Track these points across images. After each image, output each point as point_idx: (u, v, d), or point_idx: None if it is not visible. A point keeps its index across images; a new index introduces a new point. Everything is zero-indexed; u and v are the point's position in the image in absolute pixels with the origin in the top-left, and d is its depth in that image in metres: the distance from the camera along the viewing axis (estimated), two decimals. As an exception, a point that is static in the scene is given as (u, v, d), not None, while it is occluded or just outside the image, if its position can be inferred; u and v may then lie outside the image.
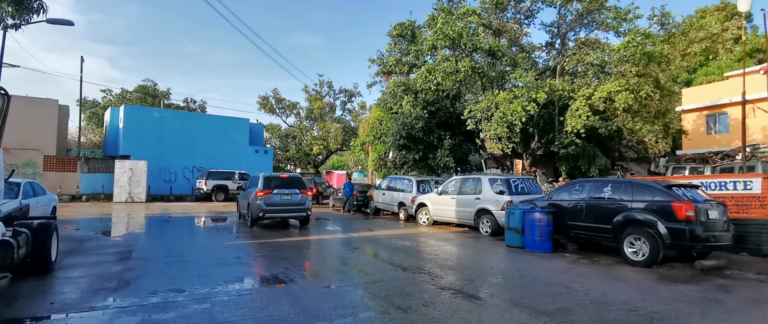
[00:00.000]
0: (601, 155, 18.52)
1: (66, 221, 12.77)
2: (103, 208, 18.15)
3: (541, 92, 15.18)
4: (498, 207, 10.99)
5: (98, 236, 9.95)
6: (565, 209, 8.83)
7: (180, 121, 26.32)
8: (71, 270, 6.35)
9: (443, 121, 18.45)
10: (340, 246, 9.29)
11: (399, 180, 15.98)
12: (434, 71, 15.53)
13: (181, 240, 9.54)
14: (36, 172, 21.73)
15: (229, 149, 27.80)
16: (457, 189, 12.47)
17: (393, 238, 10.62)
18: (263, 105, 34.23)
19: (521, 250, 8.83)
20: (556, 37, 18.19)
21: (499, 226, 10.98)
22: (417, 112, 16.47)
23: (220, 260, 7.25)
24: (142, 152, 24.05)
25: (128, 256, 7.40)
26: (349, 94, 36.38)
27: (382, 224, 13.90)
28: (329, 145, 33.86)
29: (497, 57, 16.49)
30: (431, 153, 18.50)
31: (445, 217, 12.85)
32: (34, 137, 21.66)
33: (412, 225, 13.59)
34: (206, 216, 15.60)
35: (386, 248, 8.93)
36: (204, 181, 23.31)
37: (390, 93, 17.74)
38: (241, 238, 10.05)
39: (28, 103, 21.87)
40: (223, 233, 11.05)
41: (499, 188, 11.23)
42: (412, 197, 14.72)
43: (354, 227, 12.91)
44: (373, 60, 19.60)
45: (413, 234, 11.36)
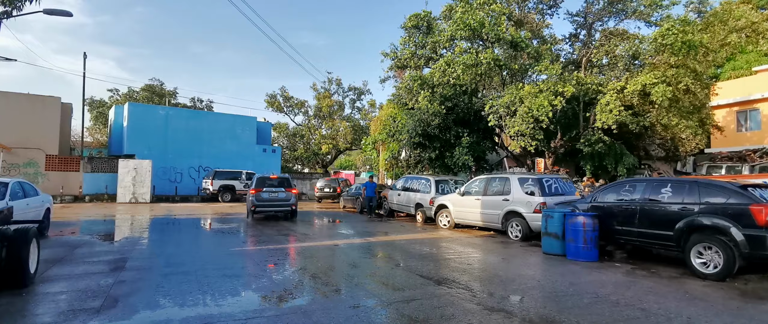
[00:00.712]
0: (628, 153, 17.42)
1: (63, 224, 11.99)
2: (106, 209, 17.40)
3: (568, 86, 14.13)
4: (529, 209, 9.99)
5: (93, 241, 9.11)
6: (613, 212, 7.81)
7: (186, 120, 25.59)
8: (53, 283, 5.47)
9: (460, 118, 17.45)
10: (359, 253, 8.36)
11: (416, 180, 15.02)
12: (453, 64, 14.54)
13: (184, 246, 8.66)
14: (37, 171, 21.10)
15: (236, 148, 27.02)
16: (481, 189, 11.48)
17: (414, 243, 9.66)
18: (271, 103, 33.43)
19: (562, 259, 7.84)
20: (582, 28, 17.12)
21: (531, 230, 9.99)
22: (434, 107, 15.49)
23: (226, 270, 6.34)
24: (146, 151, 23.34)
25: (122, 266, 6.52)
26: (359, 92, 35.49)
27: (399, 227, 12.94)
28: (338, 144, 32.98)
29: (519, 49, 15.46)
30: (448, 151, 17.50)
31: (469, 220, 11.87)
32: (35, 136, 21.03)
33: (432, 228, 12.62)
34: (212, 218, 14.76)
35: (410, 255, 7.98)
36: (210, 181, 22.54)
37: (405, 88, 16.77)
38: (248, 244, 9.15)
39: (30, 100, 21.25)
40: (230, 237, 10.17)
41: (530, 189, 10.22)
42: (430, 198, 13.76)
43: (369, 230, 11.97)
44: (386, 54, 18.63)
45: (436, 239, 10.39)
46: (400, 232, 11.60)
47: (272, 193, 13.98)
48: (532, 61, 15.77)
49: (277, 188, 14.16)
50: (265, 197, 13.82)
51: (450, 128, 17.25)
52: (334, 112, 33.77)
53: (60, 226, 11.69)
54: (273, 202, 13.96)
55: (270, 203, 13.93)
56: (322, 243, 9.44)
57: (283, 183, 14.51)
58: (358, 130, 33.44)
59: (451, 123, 17.15)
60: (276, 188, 14.14)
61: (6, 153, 20.04)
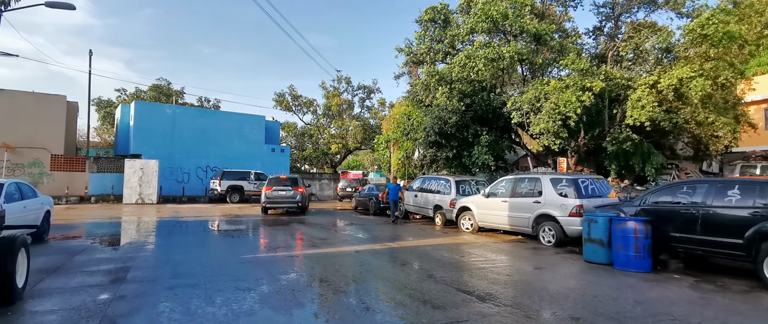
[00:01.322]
0: (656, 152, 16.52)
1: (65, 227, 11.38)
2: (111, 210, 16.83)
3: (597, 80, 13.29)
4: (564, 212, 9.19)
5: (94, 246, 8.45)
6: (669, 217, 7.00)
7: (193, 118, 25.01)
8: (43, 299, 4.79)
9: (478, 116, 16.64)
10: (383, 262, 7.61)
11: (434, 180, 14.24)
12: (474, 58, 13.74)
13: (191, 252, 7.97)
14: (42, 172, 20.61)
15: (245, 148, 26.41)
16: (509, 191, 10.68)
17: (440, 249, 8.90)
18: (279, 102, 32.81)
19: (609, 269, 7.04)
20: (608, 20, 16.24)
21: (566, 235, 9.20)
22: (453, 104, 14.69)
23: (238, 282, 5.63)
24: (153, 151, 22.79)
25: (123, 277, 5.84)
26: (368, 91, 34.76)
27: (418, 231, 12.18)
28: (348, 143, 32.27)
29: (542, 43, 14.64)
30: (466, 150, 16.71)
31: (494, 224, 11.07)
32: (40, 135, 20.53)
33: (454, 232, 11.85)
34: (221, 220, 14.10)
35: (439, 264, 7.22)
36: (218, 182, 21.92)
37: (422, 84, 15.98)
38: (261, 250, 8.45)
39: (35, 99, 20.77)
40: (240, 242, 9.48)
41: (565, 190, 9.41)
42: (451, 200, 12.98)
43: (388, 235, 11.22)
44: (400, 49, 17.86)
45: (461, 244, 9.62)
46: (420, 237, 10.84)
47: (281, 191, 16.14)
48: (556, 55, 14.92)
49: (286, 187, 16.26)
50: (276, 195, 16.10)
51: (468, 126, 16.46)
52: (343, 111, 33.08)
53: (62, 229, 11.09)
54: (283, 199, 16.14)
55: (280, 200, 16.15)
56: (340, 249, 8.71)
57: (291, 182, 16.55)
58: (367, 130, 32.72)
59: (468, 121, 16.35)
60: (285, 187, 16.26)
61: (10, 153, 19.57)
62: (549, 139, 14.52)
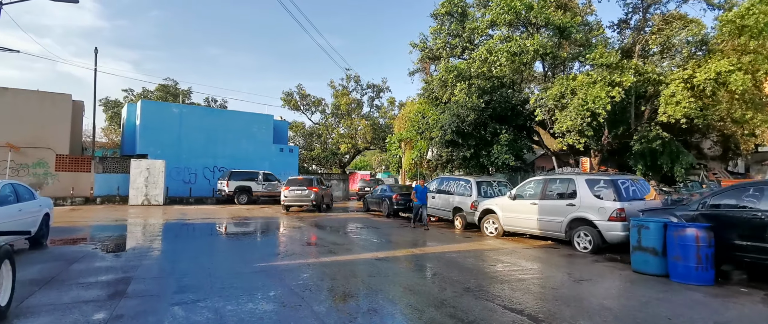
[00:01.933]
0: (685, 152, 15.66)
1: (66, 230, 10.80)
2: (116, 212, 16.29)
3: (628, 75, 12.48)
4: (603, 216, 8.42)
5: (95, 252, 7.84)
6: (731, 223, 6.24)
7: (200, 118, 24.47)
8: (30, 319, 4.15)
9: (497, 113, 15.88)
10: (410, 271, 6.91)
11: (453, 181, 13.52)
12: (496, 52, 12.99)
13: (199, 260, 7.32)
14: (47, 172, 20.15)
15: (252, 148, 25.83)
16: (538, 192, 9.93)
17: (468, 256, 8.18)
18: (287, 101, 32.21)
19: (665, 280, 6.28)
20: (635, 12, 15.39)
21: (604, 241, 8.44)
22: (473, 100, 13.94)
23: (252, 298, 4.96)
24: (159, 151, 22.27)
25: (123, 291, 5.19)
26: (378, 90, 34.06)
27: (438, 235, 11.46)
28: (357, 143, 31.59)
29: (566, 36, 13.85)
30: (484, 149, 15.95)
31: (521, 228, 10.33)
32: (45, 135, 20.08)
33: (476, 236, 11.12)
34: (229, 223, 13.48)
35: (473, 275, 6.51)
36: (226, 182, 21.35)
37: (439, 81, 15.23)
38: (275, 257, 7.78)
39: (40, 98, 20.31)
40: (251, 248, 8.82)
41: (603, 191, 8.65)
42: (472, 202, 12.25)
43: (407, 239, 10.52)
44: (415, 44, 17.15)
45: (489, 251, 8.89)
46: (442, 242, 10.12)
47: (297, 190, 17.90)
48: (581, 49, 14.13)
49: (302, 187, 17.95)
50: (293, 194, 17.92)
51: (486, 124, 15.70)
52: (352, 110, 32.41)
53: (63, 232, 10.51)
54: (298, 198, 17.93)
55: (295, 198, 17.97)
56: (359, 256, 8.01)
57: (306, 183, 18.32)
58: (377, 129, 32.02)
59: (487, 118, 15.58)
60: (301, 187, 17.97)
61: (14, 153, 19.13)
62: (573, 137, 13.75)
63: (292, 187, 17.85)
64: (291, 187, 17.85)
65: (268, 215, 16.34)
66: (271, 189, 22.76)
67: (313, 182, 18.21)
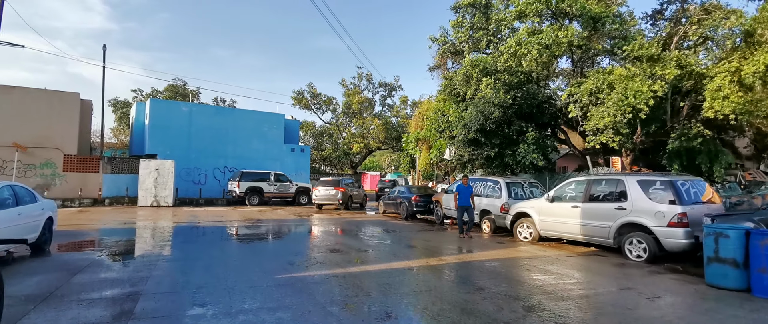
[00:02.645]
0: (724, 151, 14.71)
1: (72, 234, 10.16)
2: (125, 214, 15.68)
3: (670, 67, 11.58)
4: (661, 222, 7.56)
5: (101, 261, 7.14)
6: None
7: (210, 117, 23.87)
8: (17, 352, 3.41)
9: (522, 110, 15.03)
10: (453, 285, 6.12)
11: (480, 182, 12.69)
12: (526, 44, 12.15)
13: (214, 270, 6.59)
14: (55, 173, 19.65)
15: (263, 148, 25.18)
16: (581, 194, 9.07)
17: (511, 266, 7.37)
18: (298, 100, 31.57)
19: (747, 296, 5.47)
20: (671, 3, 14.46)
21: (661, 249, 7.58)
22: (500, 96, 13.11)
23: (279, 318, 4.20)
24: (169, 151, 21.71)
25: (130, 310, 4.46)
26: (390, 88, 33.32)
27: (467, 240, 10.65)
28: (369, 143, 30.85)
29: (600, 26, 12.97)
30: (508, 149, 15.10)
31: (560, 233, 9.48)
32: (53, 134, 19.57)
33: (508, 241, 10.30)
34: (243, 226, 12.78)
35: (525, 288, 5.71)
36: (237, 183, 20.70)
37: (462, 76, 14.40)
38: (298, 266, 7.02)
39: (47, 96, 19.82)
40: (270, 255, 8.08)
41: (659, 194, 7.78)
42: (501, 204, 11.43)
43: (435, 245, 9.72)
44: (435, 39, 16.36)
45: (531, 259, 8.07)
46: (475, 248, 9.31)
47: (326, 190, 19.63)
48: (615, 41, 13.24)
49: (329, 187, 19.67)
50: (322, 193, 19.66)
51: (511, 122, 14.85)
52: (364, 109, 31.68)
53: (68, 236, 9.87)
54: (326, 197, 19.61)
55: (325, 197, 19.64)
56: (391, 265, 7.23)
57: (333, 183, 19.97)
58: (390, 129, 31.26)
59: (512, 116, 14.72)
60: (329, 187, 19.69)
61: (21, 153, 18.64)
62: (607, 135, 12.88)
63: (321, 187, 19.83)
64: (320, 188, 19.80)
65: (281, 217, 15.63)
66: (282, 190, 22.08)
67: (340, 183, 20.11)
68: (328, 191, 19.45)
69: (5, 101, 18.70)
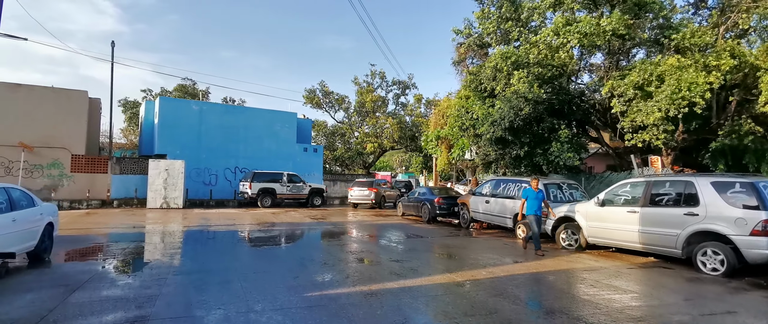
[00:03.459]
0: (774, 149, 13.56)
1: (76, 240, 9.39)
2: (133, 216, 14.95)
3: (725, 57, 10.53)
4: (742, 230, 6.55)
5: (105, 273, 6.32)
6: None
7: (220, 115, 23.13)
8: None
9: (554, 106, 14.03)
10: (516, 306, 5.18)
11: (512, 183, 11.72)
12: (565, 33, 11.16)
13: (233, 286, 5.73)
14: (62, 173, 19.03)
15: (275, 147, 24.41)
16: (639, 198, 8.08)
17: (572, 281, 6.42)
18: (310, 99, 30.76)
19: None
20: (718, -12, 13.38)
21: (742, 261, 6.57)
22: (534, 91, 12.11)
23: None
24: (178, 151, 21.01)
25: (135, 345, 3.59)
26: (404, 87, 32.40)
27: (502, 247, 9.71)
28: (383, 142, 29.95)
29: (645, 13, 11.94)
30: (539, 147, 14.09)
31: (613, 240, 8.50)
32: (61, 134, 18.96)
33: (551, 249, 9.34)
34: (258, 231, 11.95)
35: (606, 313, 4.75)
36: (248, 184, 19.92)
37: (491, 69, 13.41)
38: (326, 281, 6.13)
39: (55, 94, 19.21)
40: (295, 267, 7.21)
41: (740, 198, 6.77)
42: (540, 208, 10.43)
43: (476, 253, 8.78)
44: (459, 31, 15.42)
45: (588, 272, 7.10)
46: (517, 256, 8.36)
47: (360, 190, 21.35)
48: (663, 30, 12.19)
49: (363, 188, 21.43)
50: (357, 193, 21.39)
51: (542, 119, 13.84)
52: (377, 107, 30.79)
53: (72, 242, 9.10)
54: (361, 196, 21.34)
55: (359, 197, 21.34)
56: (433, 280, 6.31)
57: (367, 184, 21.93)
58: (404, 128, 30.34)
59: (543, 112, 13.71)
60: (362, 188, 21.48)
61: (28, 153, 18.02)
62: (650, 132, 11.84)
63: (356, 187, 21.74)
64: (356, 189, 21.65)
65: (297, 221, 14.79)
66: (296, 191, 21.28)
67: (373, 184, 22.30)
68: (362, 191, 21.26)
69: (11, 100, 18.10)
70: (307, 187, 21.65)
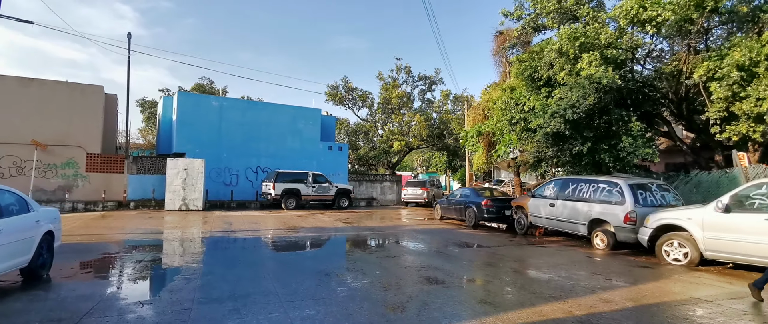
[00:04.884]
0: None
1: (84, 249, 8.03)
2: (151, 219, 13.67)
3: None
4: None
5: (114, 300, 4.88)
6: None
7: (241, 112, 21.82)
8: None
9: (622, 96, 12.24)
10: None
11: (585, 183, 9.99)
12: (653, 5, 9.38)
13: (274, 316, 4.20)
14: (77, 173, 17.94)
15: (298, 146, 23.03)
16: (785, 202, 6.31)
17: (731, 319, 4.72)
18: (332, 95, 29.34)
19: None
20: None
21: None
22: (609, 76, 10.34)
23: None
24: (198, 149, 19.78)
25: None
26: (430, 82, 30.74)
27: (586, 261, 8.01)
28: (410, 140, 28.35)
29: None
30: (604, 143, 12.30)
31: (745, 255, 6.71)
32: (75, 131, 17.87)
33: (652, 263, 7.62)
34: (288, 239, 10.49)
35: None
36: (272, 185, 18.56)
37: (550, 55, 11.64)
38: (402, 316, 4.56)
39: (69, 89, 18.14)
40: (347, 290, 5.66)
41: None
42: (626, 213, 8.72)
43: (560, 271, 7.10)
44: (508, 13, 13.75)
45: (735, 301, 5.38)
46: (621, 275, 6.66)
47: (412, 190, 23.89)
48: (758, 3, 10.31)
49: (416, 188, 23.96)
50: (410, 193, 23.90)
51: (608, 110, 12.05)
52: (403, 104, 29.20)
53: (80, 253, 7.76)
54: (414, 196, 23.60)
55: (412, 196, 23.72)
56: (546, 313, 4.68)
57: (418, 184, 24.37)
58: (432, 126, 28.69)
59: (609, 102, 11.90)
60: (415, 187, 23.99)
61: (41, 151, 16.97)
62: (746, 124, 9.99)
63: (409, 187, 24.36)
64: (408, 188, 24.28)
65: (329, 225, 13.31)
66: (321, 192, 19.85)
67: (426, 184, 24.47)
68: (415, 191, 23.89)
69: (23, 95, 17.08)
70: (334, 187, 20.20)
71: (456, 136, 29.44)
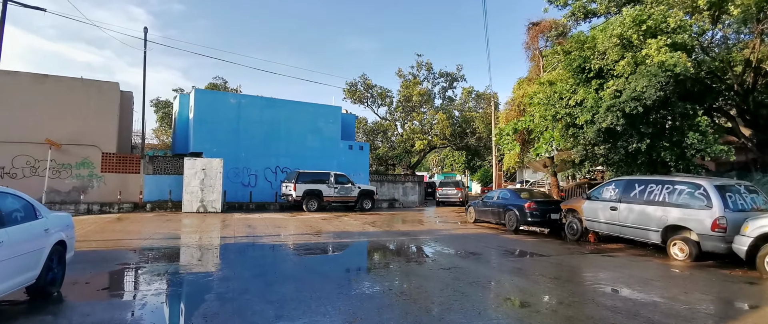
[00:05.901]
0: None
1: (99, 259, 7.14)
2: (168, 223, 12.84)
3: None
4: None
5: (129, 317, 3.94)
6: None
7: (260, 109, 20.97)
8: None
9: (687, 87, 11.03)
10: None
11: (658, 185, 8.82)
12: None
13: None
14: (92, 173, 17.25)
15: (318, 145, 22.12)
16: None
17: None
18: (351, 93, 28.43)
19: None
20: None
21: None
22: (682, 62, 9.17)
23: None
24: (216, 148, 18.98)
25: None
26: (451, 79, 29.65)
27: (672, 275, 6.90)
28: (432, 139, 27.28)
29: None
30: (664, 139, 11.10)
31: None
32: (90, 130, 17.19)
33: (753, 277, 6.47)
34: (316, 245, 9.52)
35: None
36: (293, 186, 17.66)
37: (616, 39, 10.38)
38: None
39: (84, 87, 17.47)
40: (405, 314, 4.65)
41: None
42: (715, 219, 7.55)
43: (651, 290, 6.00)
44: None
45: None
46: (736, 297, 5.55)
47: (448, 190, 25.49)
48: None
49: (451, 188, 25.58)
50: (445, 193, 25.39)
51: (670, 104, 10.84)
52: (424, 102, 28.15)
53: (95, 263, 6.87)
54: (449, 196, 25.16)
55: (447, 196, 25.24)
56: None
57: (455, 184, 25.83)
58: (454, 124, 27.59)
59: (671, 94, 10.67)
60: (450, 187, 25.65)
61: (55, 151, 16.29)
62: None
63: (443, 188, 25.71)
64: (442, 188, 25.67)
65: (358, 229, 12.34)
66: (344, 193, 18.91)
67: (460, 184, 26.22)
68: (451, 190, 25.35)
69: (38, 92, 16.44)
70: (356, 188, 19.24)
71: (479, 134, 28.30)
